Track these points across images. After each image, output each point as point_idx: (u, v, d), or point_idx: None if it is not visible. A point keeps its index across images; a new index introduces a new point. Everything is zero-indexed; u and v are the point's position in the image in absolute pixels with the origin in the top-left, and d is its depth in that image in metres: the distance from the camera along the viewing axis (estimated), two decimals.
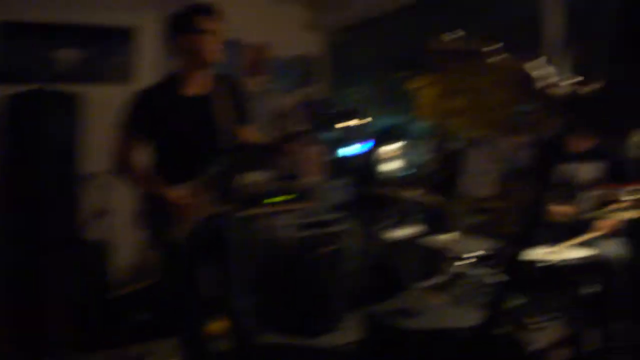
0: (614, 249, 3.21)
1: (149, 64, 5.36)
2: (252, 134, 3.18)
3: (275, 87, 6.32)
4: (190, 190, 2.89)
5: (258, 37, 6.14)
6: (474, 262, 3.37)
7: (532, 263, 3.02)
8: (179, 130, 2.97)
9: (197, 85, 3.01)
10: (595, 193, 3.49)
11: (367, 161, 8.28)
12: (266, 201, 5.28)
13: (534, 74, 1.45)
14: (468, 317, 2.99)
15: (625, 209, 2.94)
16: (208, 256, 3.06)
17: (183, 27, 2.92)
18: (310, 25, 6.58)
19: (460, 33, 1.53)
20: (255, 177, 5.19)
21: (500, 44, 1.54)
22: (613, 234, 3.38)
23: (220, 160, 2.93)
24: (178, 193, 2.85)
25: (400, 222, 5.28)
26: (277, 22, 6.29)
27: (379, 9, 6.10)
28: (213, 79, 3.06)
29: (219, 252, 3.07)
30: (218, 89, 3.04)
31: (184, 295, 3.05)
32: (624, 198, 2.94)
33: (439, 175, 7.38)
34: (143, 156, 3.07)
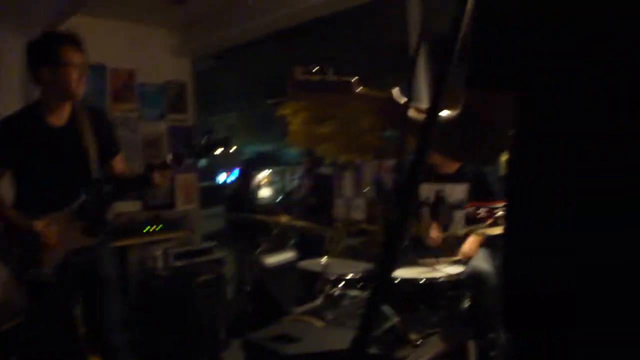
0: (483, 264, 3.40)
1: (12, 88, 5.06)
2: (120, 164, 3.08)
3: (143, 113, 6.15)
4: (56, 221, 2.74)
5: (125, 63, 5.97)
6: (351, 284, 3.42)
7: (408, 281, 3.12)
8: (43, 161, 2.82)
9: (61, 114, 2.88)
10: (463, 212, 3.68)
11: (240, 188, 8.28)
12: (145, 231, 5.11)
13: (399, 100, 1.51)
14: (347, 339, 3.02)
15: (492, 225, 3.13)
16: (80, 290, 2.91)
17: (46, 59, 2.78)
18: (178, 52, 6.50)
19: (316, 67, 1.55)
20: (127, 207, 5.01)
21: (356, 77, 1.57)
22: (481, 249, 3.59)
23: (88, 191, 2.82)
24: (42, 224, 2.69)
25: (276, 248, 5.29)
26: (144, 47, 6.15)
27: (248, 36, 6.13)
28: (77, 108, 2.94)
29: (91, 286, 2.92)
30: (83, 118, 2.92)
31: (53, 334, 2.87)
32: (490, 215, 3.12)
33: (312, 201, 7.50)
34: (7, 186, 2.89)
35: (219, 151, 2.92)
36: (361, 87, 1.60)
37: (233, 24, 5.75)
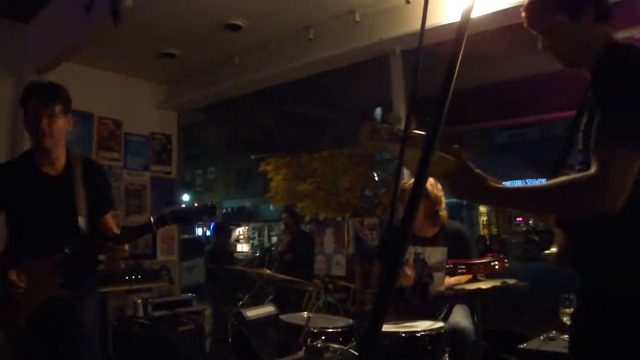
0: (463, 320, 3.44)
1: (1, 127, 5.15)
2: (110, 222, 3.12)
3: (127, 162, 6.20)
4: (33, 270, 2.73)
5: (112, 112, 6.07)
6: (333, 337, 3.44)
7: (389, 334, 3.15)
8: (33, 208, 2.84)
9: (56, 163, 2.93)
10: (443, 273, 3.74)
11: (219, 243, 8.29)
12: (127, 278, 5.11)
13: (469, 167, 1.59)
14: None
15: (470, 281, 3.18)
16: (55, 340, 2.86)
17: (24, 111, 2.86)
18: (165, 104, 6.60)
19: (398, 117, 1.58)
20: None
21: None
22: (461, 306, 3.64)
23: (72, 245, 2.82)
24: (15, 274, 2.68)
25: (255, 302, 5.29)
26: (132, 98, 6.26)
27: (234, 92, 6.26)
28: (73, 159, 2.99)
29: (66, 336, 2.87)
30: (78, 170, 2.96)
31: None
32: (469, 271, 3.18)
33: (289, 257, 7.53)
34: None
35: (203, 219, 3.00)
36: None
37: (220, 80, 5.88)
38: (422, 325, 3.29)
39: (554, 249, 1.96)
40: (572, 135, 1.82)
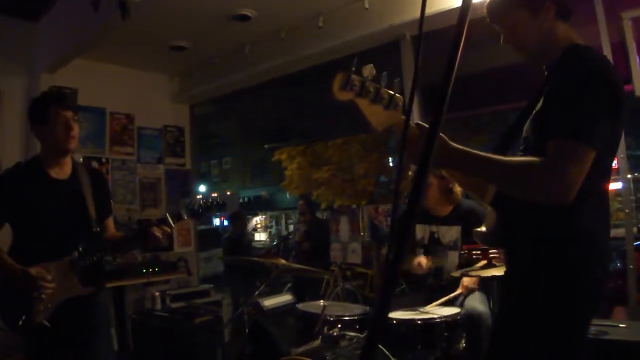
0: (480, 305, 3.44)
1: (13, 126, 5.16)
2: (112, 227, 3.19)
3: (141, 156, 6.23)
4: (51, 269, 2.76)
5: (124, 107, 6.09)
6: (349, 325, 3.45)
7: (405, 322, 3.16)
8: (44, 211, 2.86)
9: (62, 169, 2.99)
10: (457, 252, 3.74)
11: (236, 232, 8.32)
12: (143, 271, 5.15)
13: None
14: None
15: (486, 267, 3.17)
16: (73, 338, 2.89)
17: (37, 119, 2.90)
18: (177, 97, 6.62)
19: (371, 71, 1.61)
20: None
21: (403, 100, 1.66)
22: (476, 290, 3.64)
23: (86, 243, 2.86)
24: (37, 271, 2.71)
25: (272, 291, 5.32)
26: (144, 92, 6.28)
27: (245, 83, 6.26)
28: (78, 166, 3.07)
29: (84, 334, 2.91)
30: (83, 176, 3.04)
31: None
32: (484, 257, 3.17)
33: (305, 246, 7.54)
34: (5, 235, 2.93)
35: (215, 213, 3.01)
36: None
37: (231, 70, 5.88)
38: (439, 312, 3.30)
39: (483, 228, 1.99)
40: (520, 122, 1.90)
